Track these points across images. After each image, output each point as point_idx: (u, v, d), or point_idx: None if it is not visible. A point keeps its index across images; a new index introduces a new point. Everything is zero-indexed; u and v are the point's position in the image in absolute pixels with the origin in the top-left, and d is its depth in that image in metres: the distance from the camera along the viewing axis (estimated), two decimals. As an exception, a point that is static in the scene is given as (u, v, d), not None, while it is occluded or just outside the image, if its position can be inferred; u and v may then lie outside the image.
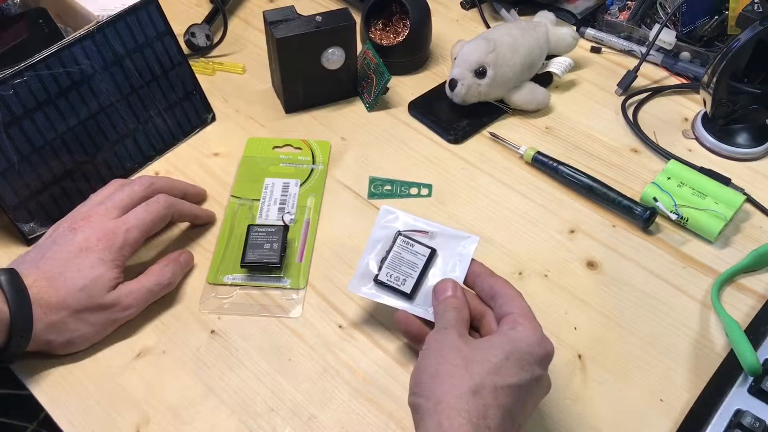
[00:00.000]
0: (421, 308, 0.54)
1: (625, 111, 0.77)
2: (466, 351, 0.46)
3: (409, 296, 0.54)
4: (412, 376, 0.47)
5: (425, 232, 0.57)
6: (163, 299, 0.59)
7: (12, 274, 0.52)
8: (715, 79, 0.69)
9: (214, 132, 0.75)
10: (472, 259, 0.54)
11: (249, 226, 0.62)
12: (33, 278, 0.53)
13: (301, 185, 0.68)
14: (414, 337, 0.53)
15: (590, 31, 0.87)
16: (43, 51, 0.61)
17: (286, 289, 0.60)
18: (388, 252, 0.56)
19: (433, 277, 0.55)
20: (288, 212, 0.66)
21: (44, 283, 0.53)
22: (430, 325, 0.52)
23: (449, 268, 0.55)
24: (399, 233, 0.56)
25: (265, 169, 0.70)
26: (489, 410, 0.42)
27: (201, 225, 0.65)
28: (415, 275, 0.54)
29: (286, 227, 0.62)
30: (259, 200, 0.67)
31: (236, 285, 0.61)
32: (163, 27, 0.69)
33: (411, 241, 0.56)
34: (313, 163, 0.71)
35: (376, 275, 0.55)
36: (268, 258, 0.60)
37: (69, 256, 0.54)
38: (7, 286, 0.51)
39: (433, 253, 0.56)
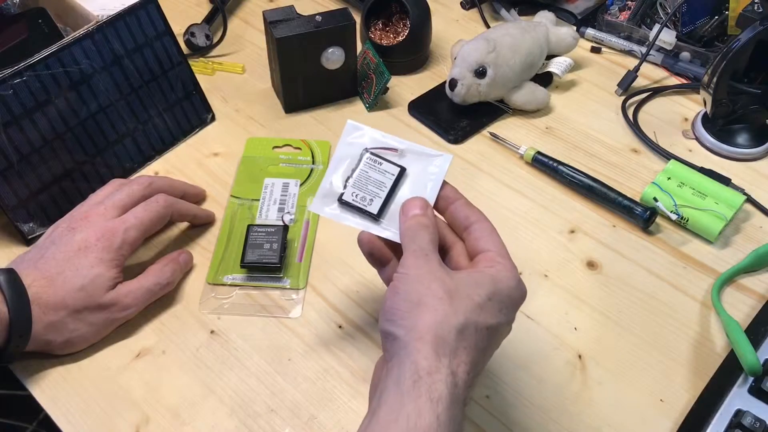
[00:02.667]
0: (388, 230, 0.50)
1: (626, 111, 0.77)
2: (450, 284, 0.42)
3: (376, 217, 0.50)
4: (386, 299, 0.43)
5: (394, 150, 0.52)
6: (163, 299, 0.59)
7: (11, 274, 0.52)
8: (715, 80, 0.69)
9: (213, 132, 0.75)
10: (445, 182, 0.50)
11: (249, 226, 0.62)
12: (32, 278, 0.53)
13: (300, 185, 0.68)
14: (377, 260, 0.50)
15: (590, 31, 0.87)
16: (42, 51, 0.61)
17: (285, 289, 0.60)
18: (354, 170, 0.51)
19: (401, 198, 0.50)
20: (288, 212, 0.66)
21: (43, 283, 0.53)
22: (394, 247, 0.49)
23: (419, 189, 0.51)
24: (366, 150, 0.52)
25: (264, 169, 0.70)
26: (469, 352, 0.40)
27: (200, 225, 0.65)
28: (383, 195, 0.50)
29: (285, 227, 0.62)
30: (258, 200, 0.67)
31: (236, 285, 0.61)
32: (163, 27, 0.69)
33: (379, 159, 0.52)
34: (313, 163, 0.71)
35: (341, 195, 0.51)
36: (267, 258, 0.60)
37: (68, 256, 0.54)
38: (6, 286, 0.51)
39: (403, 171, 0.51)
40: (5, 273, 0.52)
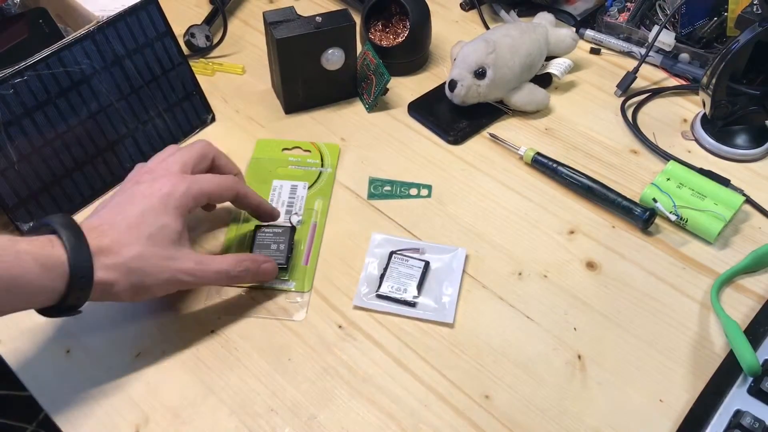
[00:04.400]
0: (422, 313, 0.58)
1: (625, 112, 0.77)
2: None
3: (412, 304, 0.59)
4: None
5: (416, 249, 0.62)
6: (163, 298, 0.59)
7: (66, 217, 0.49)
8: (714, 81, 0.69)
9: (213, 133, 0.75)
10: None
11: (256, 226, 0.62)
12: (96, 223, 0.51)
13: (309, 188, 0.68)
14: None
15: (589, 33, 0.87)
16: (43, 51, 0.61)
17: (290, 292, 0.60)
18: (385, 269, 0.61)
19: (429, 285, 0.60)
20: (296, 213, 0.66)
21: (105, 228, 0.50)
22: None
23: (443, 285, 0.60)
24: (392, 253, 0.61)
25: (273, 171, 0.70)
26: None
27: (260, 216, 0.63)
28: (414, 285, 0.59)
29: (293, 228, 0.62)
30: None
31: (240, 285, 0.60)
32: (163, 27, 0.69)
33: (405, 257, 0.61)
34: (322, 166, 0.71)
35: (378, 290, 0.59)
36: (274, 258, 0.60)
37: (133, 204, 0.53)
38: (62, 230, 0.48)
39: (427, 265, 0.61)
40: (60, 216, 0.49)
